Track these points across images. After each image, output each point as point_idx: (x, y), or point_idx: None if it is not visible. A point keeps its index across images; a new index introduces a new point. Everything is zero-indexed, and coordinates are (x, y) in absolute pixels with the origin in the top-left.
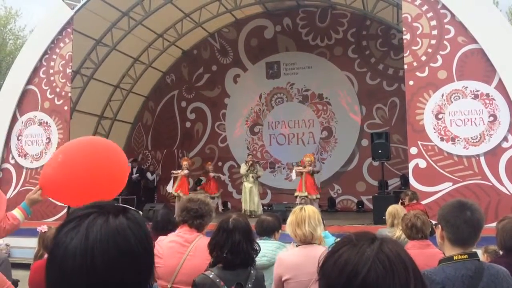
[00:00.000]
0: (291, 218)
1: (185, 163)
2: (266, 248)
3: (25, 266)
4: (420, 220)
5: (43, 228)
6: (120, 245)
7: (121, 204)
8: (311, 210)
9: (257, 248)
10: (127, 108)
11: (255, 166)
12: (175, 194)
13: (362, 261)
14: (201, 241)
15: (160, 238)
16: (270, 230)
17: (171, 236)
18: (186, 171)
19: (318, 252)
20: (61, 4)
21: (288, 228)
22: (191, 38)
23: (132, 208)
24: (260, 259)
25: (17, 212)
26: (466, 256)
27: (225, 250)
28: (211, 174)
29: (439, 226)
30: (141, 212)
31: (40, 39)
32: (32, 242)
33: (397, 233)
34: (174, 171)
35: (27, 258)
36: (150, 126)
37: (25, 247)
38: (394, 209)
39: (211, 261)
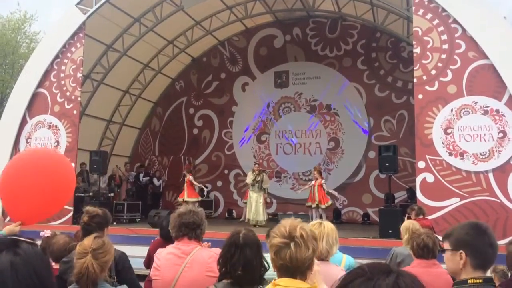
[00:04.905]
0: None
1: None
2: None
3: None
4: (432, 240)
5: (46, 232)
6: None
7: (14, 237)
8: (330, 228)
9: (266, 265)
10: (136, 113)
11: (262, 176)
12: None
13: None
14: (199, 253)
15: (159, 250)
16: None
17: (170, 248)
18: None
19: (330, 270)
20: (74, 9)
21: None
22: (201, 46)
23: (26, 239)
24: (274, 273)
25: None
26: (481, 280)
27: (238, 266)
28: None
29: (462, 254)
30: (38, 242)
31: (52, 43)
32: None
33: None
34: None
35: None
36: (157, 132)
37: None
38: (411, 224)
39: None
